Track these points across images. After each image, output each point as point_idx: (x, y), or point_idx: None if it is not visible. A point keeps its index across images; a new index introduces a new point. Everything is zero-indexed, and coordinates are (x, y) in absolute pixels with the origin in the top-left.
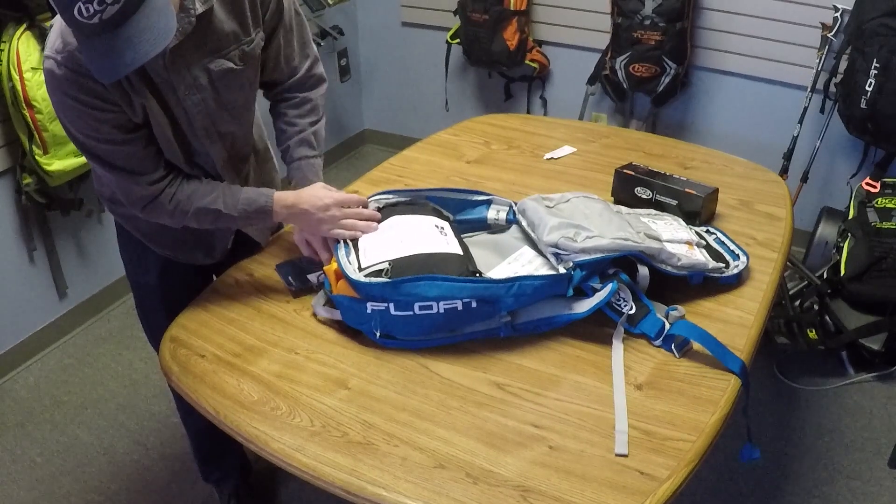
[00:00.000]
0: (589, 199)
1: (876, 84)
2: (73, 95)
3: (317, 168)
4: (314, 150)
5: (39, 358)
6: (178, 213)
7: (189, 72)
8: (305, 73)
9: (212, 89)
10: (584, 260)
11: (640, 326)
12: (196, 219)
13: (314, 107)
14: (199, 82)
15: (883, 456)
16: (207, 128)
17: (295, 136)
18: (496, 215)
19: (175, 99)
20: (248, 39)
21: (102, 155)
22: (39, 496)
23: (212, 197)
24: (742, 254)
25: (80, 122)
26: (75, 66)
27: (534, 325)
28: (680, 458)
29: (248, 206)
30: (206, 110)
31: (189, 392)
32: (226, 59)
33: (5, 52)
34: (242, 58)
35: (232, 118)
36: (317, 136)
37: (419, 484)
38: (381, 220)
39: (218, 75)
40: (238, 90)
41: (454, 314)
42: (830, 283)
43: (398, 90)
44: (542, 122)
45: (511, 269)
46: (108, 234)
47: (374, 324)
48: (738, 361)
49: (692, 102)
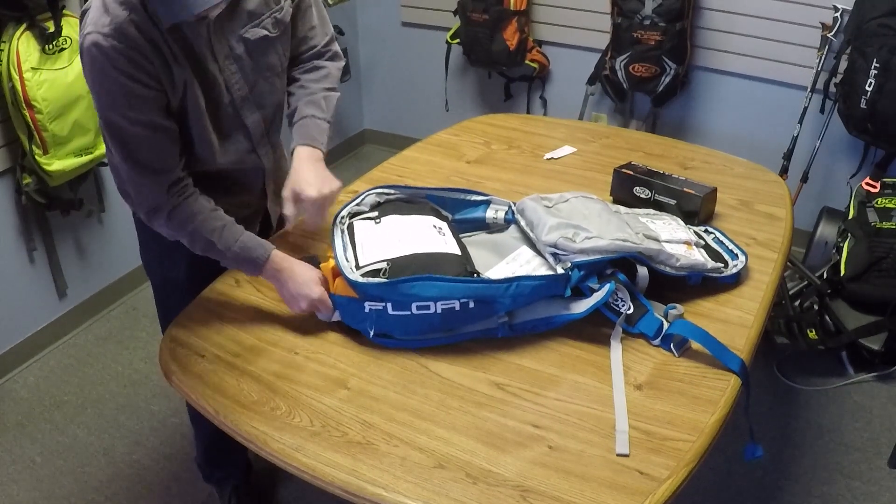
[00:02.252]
0: (588, 199)
1: (876, 84)
2: (119, 68)
3: (322, 128)
4: (323, 112)
5: (39, 358)
6: (176, 226)
7: (228, 41)
8: (323, 47)
9: (248, 58)
10: (583, 261)
11: (639, 326)
12: (190, 239)
13: (328, 74)
14: (235, 52)
15: (883, 456)
16: (245, 97)
17: (305, 97)
18: (495, 215)
19: (216, 69)
20: (278, 7)
21: (130, 141)
22: (39, 496)
23: (212, 227)
24: (741, 253)
25: (121, 100)
26: (123, 38)
27: (531, 325)
28: (679, 459)
29: (241, 250)
30: (245, 79)
31: (189, 392)
32: (260, 28)
33: (5, 52)
34: (276, 25)
35: (267, 86)
36: (328, 101)
37: (419, 484)
38: (380, 217)
39: (254, 44)
40: (273, 56)
41: (451, 314)
42: (830, 283)
43: (398, 90)
44: (542, 122)
45: (509, 269)
46: (108, 234)
47: (371, 323)
48: (737, 360)
49: (692, 102)
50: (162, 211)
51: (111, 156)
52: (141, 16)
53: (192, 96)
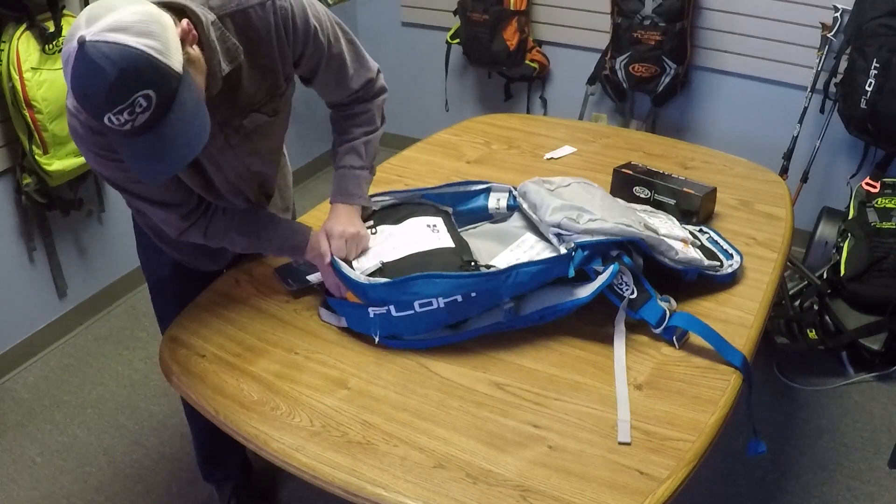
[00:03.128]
0: (589, 185)
1: (876, 84)
2: (96, 152)
3: (360, 180)
4: (361, 161)
5: (39, 358)
6: (214, 239)
7: (221, 131)
8: (365, 85)
9: (247, 141)
10: (587, 241)
11: (642, 312)
12: (231, 245)
13: (370, 117)
14: (230, 141)
15: (883, 456)
16: (240, 173)
17: (345, 144)
18: (497, 204)
19: (208, 155)
20: (279, 92)
21: (136, 191)
22: (39, 496)
23: (248, 230)
24: (735, 253)
25: (108, 171)
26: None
27: (539, 314)
28: (679, 458)
29: (282, 240)
30: (241, 162)
31: (189, 392)
32: (258, 114)
33: (5, 52)
34: (275, 109)
35: (263, 162)
36: (368, 146)
37: (419, 484)
38: (375, 226)
39: (252, 128)
40: (270, 138)
41: (456, 307)
42: (830, 283)
43: (398, 90)
44: (542, 122)
45: (513, 256)
46: (108, 234)
47: (376, 327)
48: (738, 355)
49: (692, 102)
50: (194, 229)
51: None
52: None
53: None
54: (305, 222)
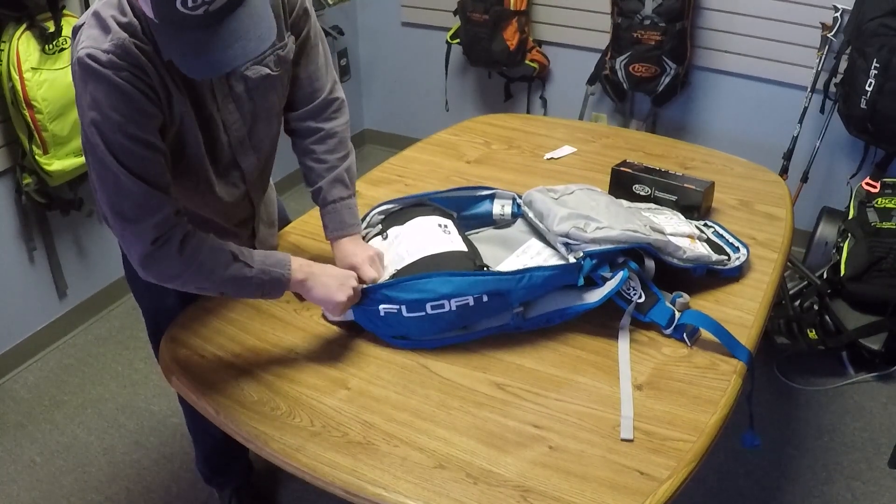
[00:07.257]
0: (592, 191)
1: (876, 84)
2: (120, 77)
3: (353, 209)
4: (348, 190)
5: (39, 358)
6: (188, 256)
7: (227, 80)
8: (328, 94)
9: (247, 98)
10: (595, 250)
11: (650, 315)
12: (197, 272)
13: (341, 140)
14: (235, 91)
15: (883, 456)
16: (242, 139)
17: (327, 176)
18: (501, 210)
19: (214, 107)
20: (282, 44)
21: (125, 160)
22: (39, 496)
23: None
24: (742, 246)
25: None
26: (125, 55)
27: (546, 317)
28: (680, 459)
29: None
30: (243, 120)
31: (189, 392)
32: (262, 65)
33: (5, 52)
34: (278, 63)
35: (265, 127)
36: (349, 172)
37: (419, 484)
38: (385, 231)
39: (255, 83)
40: (273, 96)
41: (466, 311)
42: (830, 283)
43: (398, 90)
44: (542, 122)
45: (520, 262)
46: (108, 234)
47: (386, 326)
48: (745, 351)
49: (692, 102)
50: (172, 244)
51: (105, 197)
52: (142, 41)
53: (191, 131)
54: (295, 229)
